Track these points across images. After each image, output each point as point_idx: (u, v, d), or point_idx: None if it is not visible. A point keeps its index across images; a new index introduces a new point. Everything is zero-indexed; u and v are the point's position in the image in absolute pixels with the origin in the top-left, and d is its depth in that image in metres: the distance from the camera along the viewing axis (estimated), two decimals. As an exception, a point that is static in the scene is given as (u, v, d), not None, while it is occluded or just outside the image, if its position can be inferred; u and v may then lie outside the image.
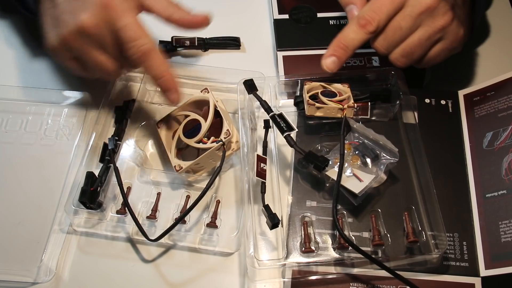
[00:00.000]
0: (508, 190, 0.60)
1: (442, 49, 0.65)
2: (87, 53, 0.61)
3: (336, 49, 0.65)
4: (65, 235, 0.63)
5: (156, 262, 0.61)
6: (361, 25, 0.63)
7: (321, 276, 0.59)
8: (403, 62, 0.65)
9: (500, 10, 0.83)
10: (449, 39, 0.64)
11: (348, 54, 0.65)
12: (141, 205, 0.64)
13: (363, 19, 0.63)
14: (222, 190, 0.66)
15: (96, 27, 0.59)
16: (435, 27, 0.63)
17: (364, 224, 0.62)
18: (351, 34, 0.64)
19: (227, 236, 0.62)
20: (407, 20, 0.63)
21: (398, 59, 0.65)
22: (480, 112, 0.68)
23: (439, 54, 0.66)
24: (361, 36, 0.64)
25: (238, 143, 0.65)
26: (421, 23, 0.63)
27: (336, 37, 0.65)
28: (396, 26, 0.63)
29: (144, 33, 0.60)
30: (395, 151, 0.62)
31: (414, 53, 0.64)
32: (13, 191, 0.66)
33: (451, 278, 0.59)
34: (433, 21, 0.63)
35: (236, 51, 0.79)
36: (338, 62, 0.65)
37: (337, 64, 0.65)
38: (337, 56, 0.65)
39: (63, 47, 0.61)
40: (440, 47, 0.65)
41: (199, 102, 0.66)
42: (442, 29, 0.63)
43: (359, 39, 0.64)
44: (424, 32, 0.63)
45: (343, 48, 0.64)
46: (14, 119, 0.71)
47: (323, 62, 0.65)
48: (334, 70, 0.65)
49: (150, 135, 0.69)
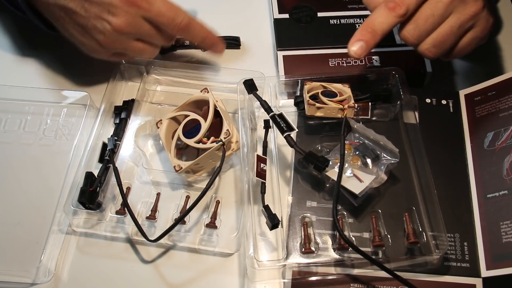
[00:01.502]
0: (509, 190, 0.60)
1: (473, 38, 0.63)
2: (127, 46, 0.66)
3: (364, 33, 0.60)
4: (64, 235, 0.63)
5: (155, 262, 0.61)
6: (390, 8, 0.60)
7: (321, 277, 0.59)
8: (434, 52, 0.62)
9: (501, 10, 0.83)
10: (480, 26, 0.62)
11: (376, 39, 0.61)
12: (140, 206, 0.64)
13: (392, 2, 0.60)
14: (222, 190, 0.65)
15: (130, 25, 0.63)
16: (467, 14, 0.60)
17: (364, 225, 0.61)
18: (379, 18, 0.60)
19: (226, 236, 0.62)
20: (439, 6, 0.60)
21: (429, 50, 0.62)
22: (481, 112, 0.68)
23: (470, 43, 0.63)
24: (390, 20, 0.60)
25: (238, 143, 0.64)
26: (453, 10, 0.60)
27: (364, 21, 0.61)
28: (427, 14, 0.60)
29: (177, 10, 0.65)
30: (395, 152, 0.62)
31: (446, 42, 0.62)
32: (12, 191, 0.65)
33: (452, 279, 0.58)
34: (464, 7, 0.60)
35: (236, 51, 0.79)
36: (366, 47, 0.60)
37: (365, 49, 0.60)
38: (365, 41, 0.60)
39: (104, 49, 0.66)
40: (471, 35, 0.63)
41: (199, 102, 0.66)
42: (474, 16, 0.61)
43: (388, 23, 0.60)
44: (456, 20, 0.61)
45: (371, 32, 0.60)
46: (13, 119, 0.71)
47: (350, 48, 0.61)
48: (362, 55, 0.61)
49: (149, 135, 0.69)
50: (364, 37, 0.60)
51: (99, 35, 0.64)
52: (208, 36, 0.69)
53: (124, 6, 0.62)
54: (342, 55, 0.74)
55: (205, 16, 0.77)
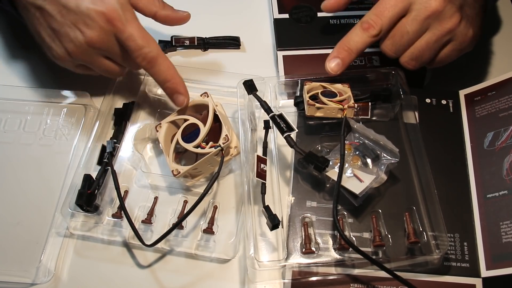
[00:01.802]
0: (509, 190, 0.60)
1: (452, 50, 0.65)
2: (94, 61, 0.64)
3: (340, 51, 0.65)
4: (63, 237, 0.62)
5: (152, 267, 0.61)
6: (364, 29, 0.64)
7: (322, 277, 0.59)
8: (413, 64, 0.66)
9: (501, 10, 0.83)
10: (458, 40, 0.64)
11: (352, 57, 0.65)
12: (138, 210, 0.63)
13: (366, 22, 0.64)
14: (220, 195, 0.65)
15: (102, 41, 0.62)
16: (442, 30, 0.63)
17: (364, 225, 0.61)
18: (355, 37, 0.65)
19: (224, 242, 0.61)
20: (414, 24, 0.63)
21: (408, 62, 0.65)
22: (481, 112, 0.68)
23: (449, 55, 0.66)
24: (364, 39, 0.64)
25: (237, 148, 0.64)
26: (428, 27, 0.63)
27: (341, 39, 0.65)
28: (403, 31, 0.63)
29: (149, 40, 0.62)
30: (395, 151, 0.62)
31: (423, 56, 0.65)
32: (12, 191, 0.65)
33: (452, 279, 0.58)
34: (440, 24, 0.62)
35: (236, 51, 0.79)
36: (342, 64, 0.65)
37: (341, 66, 0.65)
38: (341, 58, 0.65)
39: (70, 58, 0.64)
40: (449, 48, 0.65)
41: (198, 106, 0.66)
42: (450, 32, 0.63)
43: (362, 42, 0.64)
44: (431, 35, 0.63)
45: (347, 50, 0.65)
46: (12, 119, 0.71)
47: (327, 65, 0.65)
48: (338, 72, 0.65)
49: (148, 138, 0.69)
50: (340, 55, 0.65)
51: (69, 43, 0.62)
52: (172, 80, 0.64)
53: (100, 21, 0.61)
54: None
55: (205, 16, 0.77)
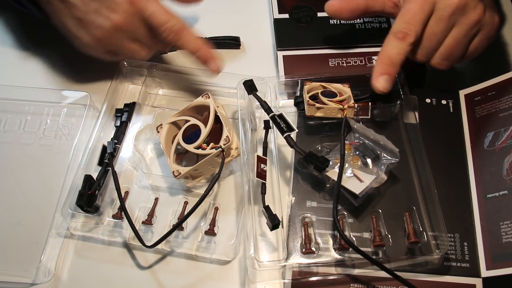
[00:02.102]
0: (509, 190, 0.60)
1: (481, 40, 0.65)
2: (122, 45, 0.66)
3: (385, 67, 0.63)
4: (63, 237, 0.63)
5: (152, 268, 0.61)
6: (400, 38, 0.63)
7: (322, 277, 0.59)
8: (446, 64, 0.65)
9: (501, 10, 0.83)
10: (486, 29, 0.64)
11: (397, 70, 0.64)
12: (138, 210, 0.63)
13: (400, 32, 0.63)
14: (221, 197, 0.65)
15: (128, 24, 0.63)
16: (469, 23, 0.62)
17: (364, 225, 0.61)
18: (394, 49, 0.63)
19: (224, 243, 0.61)
20: (440, 24, 0.62)
21: (440, 63, 0.65)
22: (481, 112, 0.68)
23: (480, 46, 0.65)
24: (404, 49, 0.63)
25: (238, 149, 0.64)
26: (455, 23, 0.62)
27: (379, 56, 0.64)
28: (430, 33, 0.63)
29: (172, 14, 0.65)
30: (395, 151, 0.62)
31: (455, 53, 0.64)
32: (12, 191, 0.65)
33: (452, 279, 0.59)
34: (466, 17, 0.62)
35: (236, 51, 0.79)
36: (390, 79, 0.63)
37: (390, 81, 0.63)
38: (388, 73, 0.63)
39: (98, 45, 0.66)
40: (479, 39, 0.65)
41: (199, 107, 0.66)
42: (477, 23, 0.63)
43: (403, 52, 0.63)
44: (459, 31, 0.63)
45: (390, 64, 0.63)
46: (12, 119, 0.71)
47: (376, 84, 0.63)
48: (389, 88, 0.63)
49: (149, 139, 0.69)
50: (386, 71, 0.63)
51: (96, 30, 0.64)
52: (202, 48, 0.66)
53: (122, 4, 0.62)
54: (342, 55, 0.74)
55: (205, 16, 0.77)
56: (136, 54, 0.68)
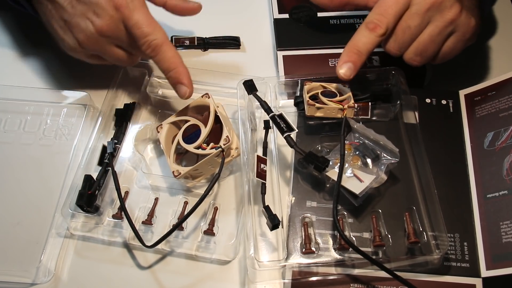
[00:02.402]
0: (509, 190, 0.60)
1: (456, 42, 0.65)
2: (105, 50, 0.65)
3: (350, 55, 0.64)
4: (63, 237, 0.63)
5: (152, 268, 0.61)
6: (371, 29, 0.63)
7: (322, 277, 0.59)
8: (418, 60, 0.65)
9: (501, 10, 0.83)
10: (461, 31, 0.64)
11: (363, 59, 0.64)
12: (138, 210, 0.63)
13: (371, 23, 0.63)
14: (221, 197, 0.65)
15: (111, 30, 0.63)
16: (444, 21, 0.62)
17: (364, 225, 0.61)
18: (363, 38, 0.64)
19: (224, 243, 0.61)
20: (415, 18, 0.62)
21: (413, 58, 0.65)
22: (481, 112, 0.68)
23: (454, 48, 0.65)
24: (372, 40, 0.63)
25: (238, 149, 0.64)
26: (430, 19, 0.63)
27: (348, 44, 0.64)
28: (404, 26, 0.63)
29: (155, 27, 0.63)
30: (395, 151, 0.62)
31: (428, 50, 0.64)
32: (12, 191, 0.65)
33: (452, 279, 0.58)
34: (441, 15, 0.62)
35: (236, 51, 0.79)
36: (354, 67, 0.63)
37: (353, 70, 0.63)
38: (352, 62, 0.63)
39: (82, 49, 0.65)
40: (453, 40, 0.64)
41: (199, 107, 0.66)
42: (452, 22, 0.63)
43: (371, 43, 0.63)
44: (434, 28, 0.63)
45: (356, 53, 0.63)
46: (13, 119, 0.71)
47: (339, 70, 0.63)
48: (351, 76, 0.64)
49: (149, 139, 0.69)
50: (351, 59, 0.64)
51: (80, 34, 0.63)
52: (176, 68, 0.64)
53: (109, 9, 0.62)
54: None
55: (205, 16, 0.77)
56: (120, 59, 0.67)
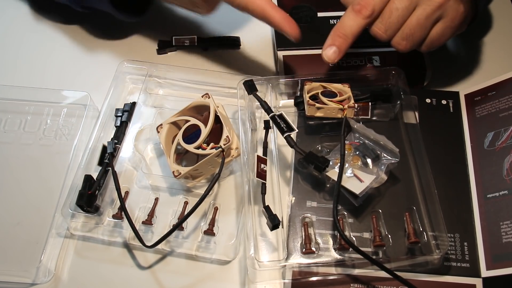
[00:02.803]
0: (509, 190, 0.60)
1: (444, 28, 0.64)
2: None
3: (335, 38, 0.62)
4: (63, 238, 0.63)
5: (152, 268, 0.61)
6: (356, 11, 0.62)
7: (322, 277, 0.59)
8: (405, 45, 0.64)
9: (501, 10, 0.83)
10: (449, 16, 0.63)
11: (348, 43, 0.63)
12: (138, 210, 0.63)
13: (357, 4, 0.62)
14: (221, 197, 0.65)
15: None
16: (432, 4, 0.61)
17: (364, 225, 0.61)
18: (349, 21, 0.62)
19: (224, 243, 0.61)
20: (403, 0, 0.61)
21: (399, 43, 0.63)
22: (481, 112, 0.68)
23: (442, 34, 0.64)
24: (358, 22, 0.62)
25: (238, 149, 0.64)
26: (418, 2, 0.62)
27: (334, 27, 0.63)
28: (392, 8, 0.62)
29: None
30: (395, 151, 0.62)
31: (415, 34, 0.63)
32: (12, 191, 0.65)
33: (452, 279, 0.58)
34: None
35: (236, 51, 0.79)
36: (339, 51, 0.62)
37: (338, 54, 0.62)
38: (337, 46, 0.62)
39: None
40: (441, 26, 0.63)
41: (199, 107, 0.66)
42: (440, 7, 0.62)
43: (357, 26, 0.62)
44: (422, 11, 0.62)
45: (342, 36, 0.62)
46: (13, 119, 0.71)
47: (324, 53, 0.63)
48: (336, 60, 0.63)
49: (149, 139, 0.69)
50: (336, 42, 0.63)
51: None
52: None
53: None
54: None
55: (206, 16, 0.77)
56: None
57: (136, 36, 0.79)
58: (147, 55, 0.77)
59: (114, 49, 0.78)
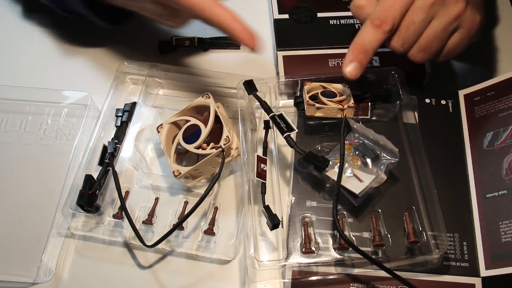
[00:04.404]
0: (508, 190, 0.60)
1: (461, 39, 0.64)
2: None
3: (356, 54, 0.62)
4: (64, 237, 0.63)
5: (153, 268, 0.61)
6: (377, 26, 0.61)
7: (322, 277, 0.59)
8: (422, 57, 0.63)
9: (501, 10, 0.83)
10: (465, 27, 0.63)
11: (369, 58, 0.62)
12: (139, 210, 0.64)
13: (377, 19, 0.61)
14: (221, 196, 0.65)
15: None
16: (449, 16, 0.61)
17: (364, 225, 0.61)
18: (369, 36, 0.62)
19: (224, 243, 0.61)
20: (419, 13, 0.61)
21: (417, 55, 0.63)
22: (481, 112, 0.68)
23: (458, 44, 0.64)
24: (378, 37, 0.61)
25: (238, 149, 0.64)
26: (434, 15, 0.61)
27: (352, 42, 0.63)
28: (409, 22, 0.61)
29: None
30: (395, 151, 0.62)
31: (432, 46, 0.63)
32: (12, 191, 0.65)
33: (452, 279, 0.59)
34: (446, 10, 0.61)
35: (236, 51, 0.79)
36: (360, 67, 0.62)
37: (359, 69, 0.62)
38: (358, 61, 0.61)
39: None
40: (457, 36, 0.63)
41: (200, 107, 0.66)
42: (456, 18, 0.62)
43: (377, 40, 0.62)
44: (438, 24, 0.62)
45: (362, 52, 0.62)
46: (13, 119, 0.71)
47: (345, 70, 0.62)
48: (357, 76, 0.62)
49: (149, 139, 0.69)
50: (357, 58, 0.62)
51: None
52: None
53: None
54: (342, 55, 0.73)
55: (205, 16, 0.77)
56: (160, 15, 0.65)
57: (137, 37, 0.79)
58: (148, 55, 0.77)
59: (114, 49, 0.78)
